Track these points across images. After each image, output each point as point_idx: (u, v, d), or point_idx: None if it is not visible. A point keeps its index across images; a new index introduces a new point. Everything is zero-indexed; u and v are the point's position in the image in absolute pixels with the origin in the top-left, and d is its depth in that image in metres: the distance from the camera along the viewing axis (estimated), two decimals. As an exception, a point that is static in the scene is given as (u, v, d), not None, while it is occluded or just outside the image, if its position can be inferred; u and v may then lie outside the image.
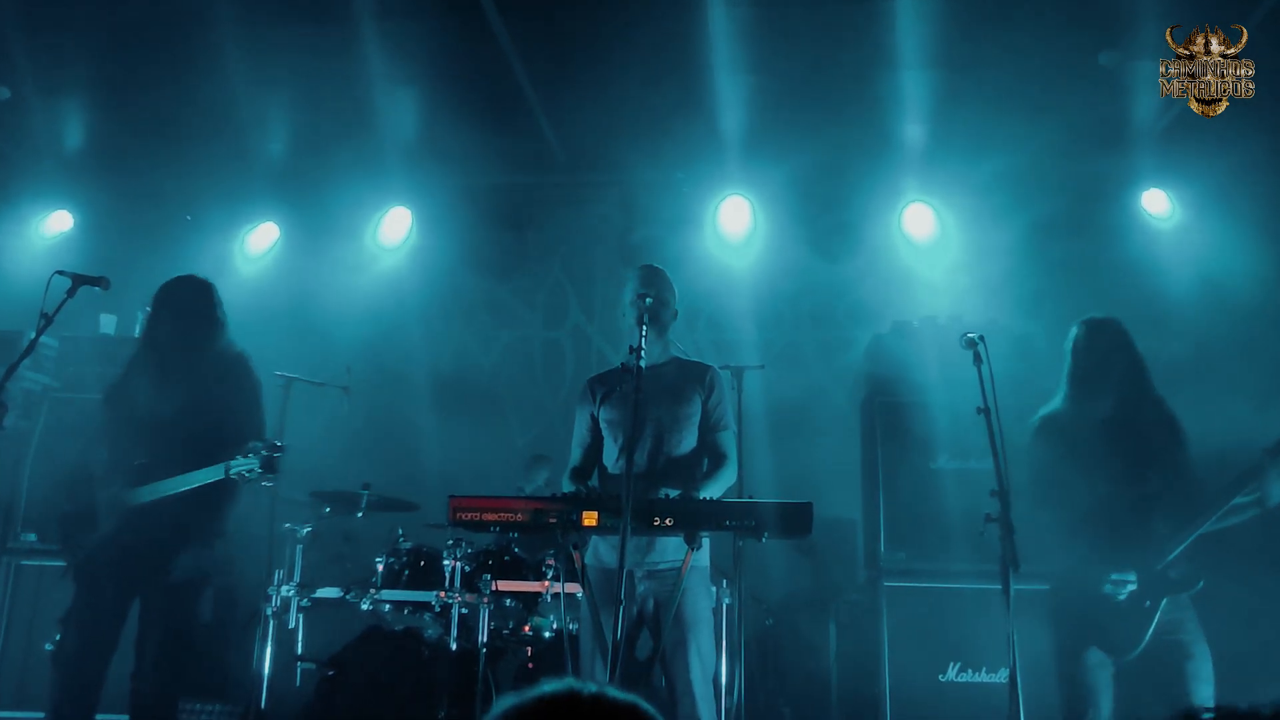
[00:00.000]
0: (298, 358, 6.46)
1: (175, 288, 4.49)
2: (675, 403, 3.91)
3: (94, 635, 4.07)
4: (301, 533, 5.69)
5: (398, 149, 7.32)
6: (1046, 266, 6.94)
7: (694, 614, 3.67)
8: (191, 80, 6.53)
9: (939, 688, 5.19)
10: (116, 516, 4.12)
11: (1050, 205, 7.09)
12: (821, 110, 6.64)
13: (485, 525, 3.37)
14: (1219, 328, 6.39)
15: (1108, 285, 6.82)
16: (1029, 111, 6.41)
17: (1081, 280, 6.84)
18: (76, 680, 4.03)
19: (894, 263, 7.42)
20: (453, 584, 5.27)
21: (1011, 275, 6.83)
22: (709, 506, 3.38)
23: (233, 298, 7.33)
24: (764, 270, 7.61)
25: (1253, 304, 6.49)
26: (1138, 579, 3.74)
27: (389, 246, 7.86)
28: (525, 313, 8.26)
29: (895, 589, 5.37)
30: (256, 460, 4.07)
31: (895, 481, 5.57)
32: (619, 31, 6.02)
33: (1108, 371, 4.06)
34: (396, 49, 6.14)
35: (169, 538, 4.13)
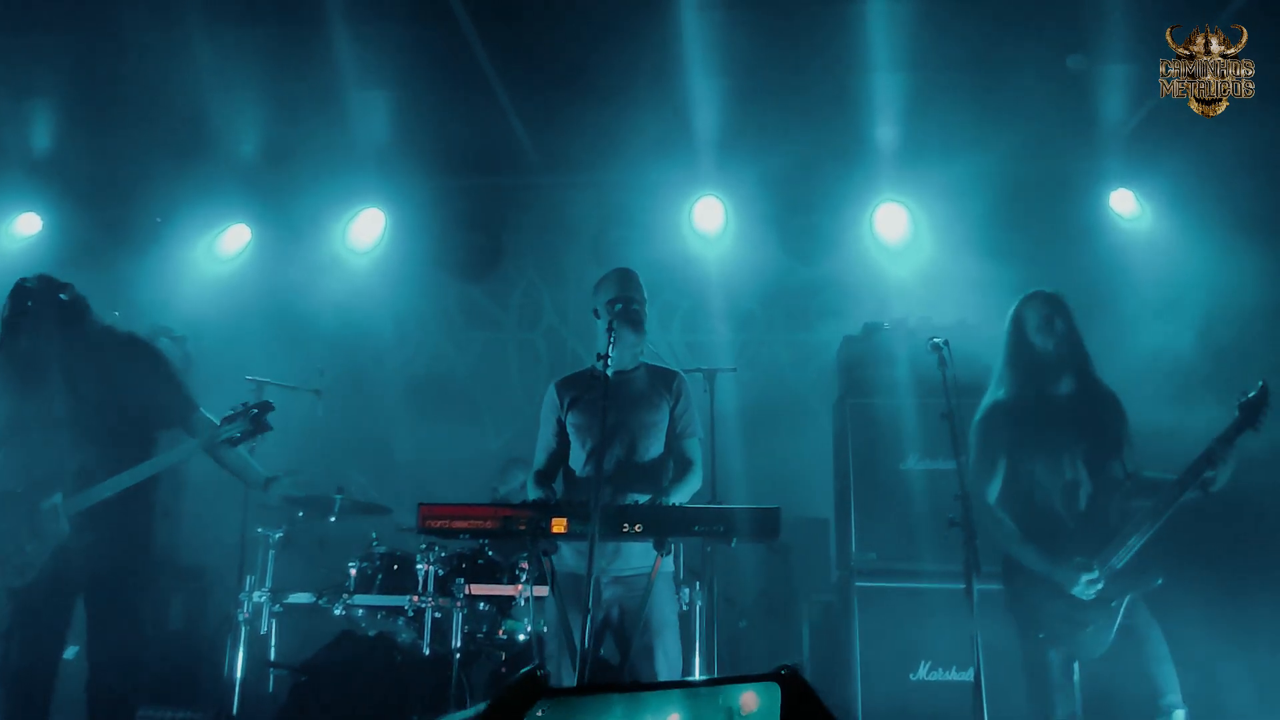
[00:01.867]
0: (270, 361, 6.45)
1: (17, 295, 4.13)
2: (643, 409, 3.93)
3: (38, 647, 3.96)
4: (274, 537, 5.67)
5: (370, 150, 7.29)
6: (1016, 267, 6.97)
7: (661, 619, 3.69)
8: (161, 81, 6.47)
9: (910, 686, 5.22)
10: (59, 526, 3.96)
11: (1020, 206, 7.16)
12: (794, 111, 6.68)
13: (454, 532, 3.37)
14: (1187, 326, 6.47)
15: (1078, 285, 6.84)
16: (999, 113, 6.48)
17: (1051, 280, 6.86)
18: (25, 694, 3.92)
19: (865, 264, 7.46)
20: (426, 588, 5.27)
21: (982, 276, 6.87)
22: (678, 512, 3.39)
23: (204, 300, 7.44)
24: (737, 271, 7.63)
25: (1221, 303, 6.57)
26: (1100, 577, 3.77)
27: (361, 248, 7.82)
28: (499, 314, 8.25)
29: (867, 589, 5.40)
30: (244, 421, 4.00)
31: (866, 482, 5.59)
32: (591, 33, 6.03)
33: (1057, 352, 4.02)
34: (368, 50, 6.11)
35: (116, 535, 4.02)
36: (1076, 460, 3.95)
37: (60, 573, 3.99)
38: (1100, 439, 3.99)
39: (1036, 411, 4.01)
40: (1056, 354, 4.05)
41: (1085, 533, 3.87)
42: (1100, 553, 3.77)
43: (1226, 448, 3.77)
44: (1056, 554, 3.82)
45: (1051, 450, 3.96)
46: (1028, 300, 4.19)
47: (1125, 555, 3.77)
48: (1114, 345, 4.18)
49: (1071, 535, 3.87)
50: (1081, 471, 3.95)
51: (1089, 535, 3.85)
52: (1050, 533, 3.90)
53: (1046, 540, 3.88)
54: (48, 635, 4.00)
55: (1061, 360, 4.05)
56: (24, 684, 3.93)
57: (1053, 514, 3.93)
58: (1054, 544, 3.86)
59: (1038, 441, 3.97)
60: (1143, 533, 3.78)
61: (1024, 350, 4.10)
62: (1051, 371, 4.05)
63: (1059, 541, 3.86)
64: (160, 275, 7.27)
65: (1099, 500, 3.94)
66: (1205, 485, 3.79)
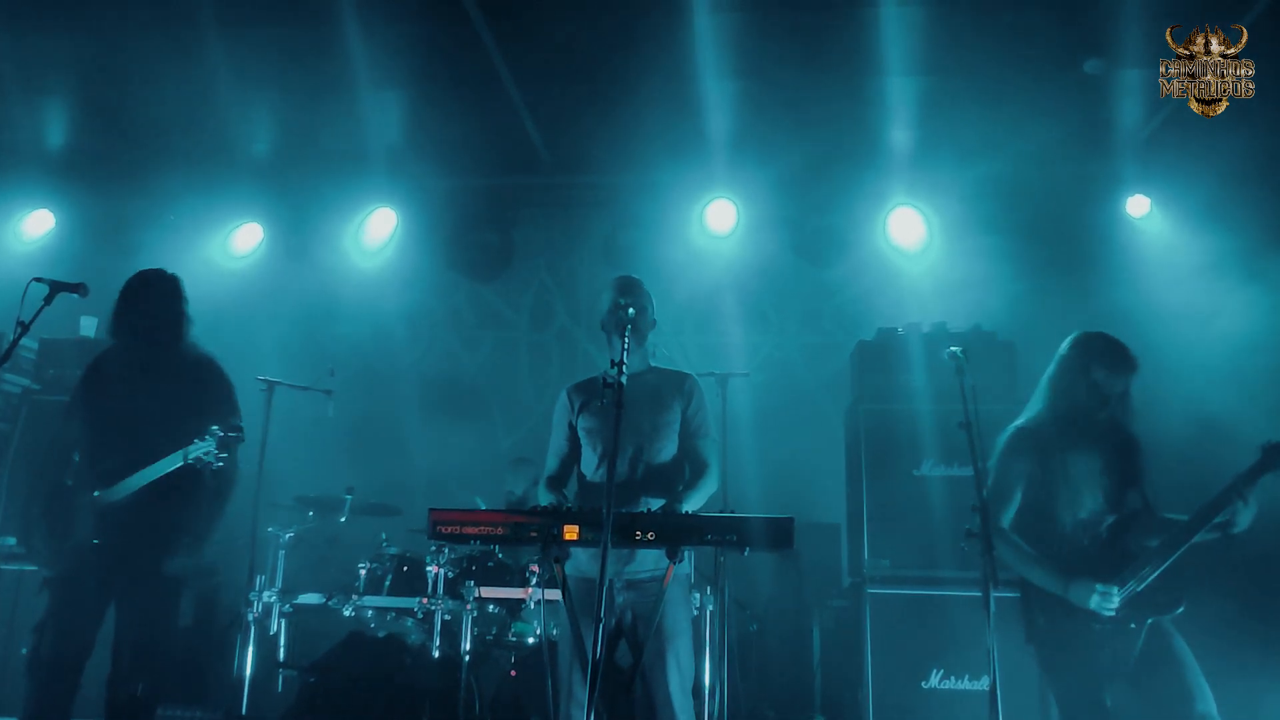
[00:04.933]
0: (281, 361, 6.45)
1: (143, 283, 4.37)
2: (654, 411, 3.90)
3: (69, 641, 4.02)
4: (284, 538, 5.68)
5: (382, 150, 7.30)
6: (1031, 272, 6.96)
7: (673, 625, 3.66)
8: (175, 81, 6.49)
9: (921, 694, 5.20)
10: (94, 520, 4.07)
11: (1035, 210, 7.12)
12: (808, 114, 6.65)
13: (465, 538, 3.35)
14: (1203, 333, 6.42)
15: (1092, 291, 6.84)
16: (1014, 117, 6.44)
17: (1066, 285, 6.86)
18: (51, 688, 3.99)
19: (880, 268, 7.42)
20: (436, 590, 5.26)
21: (996, 281, 6.84)
22: (690, 520, 3.36)
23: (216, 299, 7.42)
24: (749, 274, 7.61)
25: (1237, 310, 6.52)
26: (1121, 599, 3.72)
27: (373, 248, 7.82)
28: (510, 315, 8.24)
29: (879, 595, 5.38)
30: (212, 441, 4.04)
31: (879, 488, 5.57)
32: (605, 33, 6.02)
33: (1107, 395, 3.96)
34: (381, 51, 6.10)
35: (145, 538, 4.08)
36: (1098, 490, 3.90)
37: (100, 572, 4.06)
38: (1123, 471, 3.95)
39: (1063, 439, 3.97)
40: (1109, 408, 3.99)
41: (1105, 556, 3.83)
42: (1118, 575, 3.74)
43: (1246, 488, 3.70)
44: (1074, 573, 3.78)
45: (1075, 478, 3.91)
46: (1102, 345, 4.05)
47: (1140, 585, 3.74)
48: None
49: (1091, 558, 3.83)
50: (1102, 501, 3.91)
51: (1109, 559, 3.82)
52: (1069, 556, 3.85)
53: (1064, 562, 3.83)
54: (79, 630, 4.05)
55: (1111, 411, 4.00)
56: (51, 675, 3.99)
57: (1073, 539, 3.89)
58: (1072, 565, 3.81)
59: (1062, 468, 3.92)
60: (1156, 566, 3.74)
61: (1078, 389, 4.01)
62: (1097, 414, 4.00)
63: (1078, 563, 3.82)
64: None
65: (1119, 528, 3.91)
66: (1226, 527, 3.74)
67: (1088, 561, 3.82)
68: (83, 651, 4.06)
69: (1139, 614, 3.74)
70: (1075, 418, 3.99)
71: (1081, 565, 3.80)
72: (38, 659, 4.00)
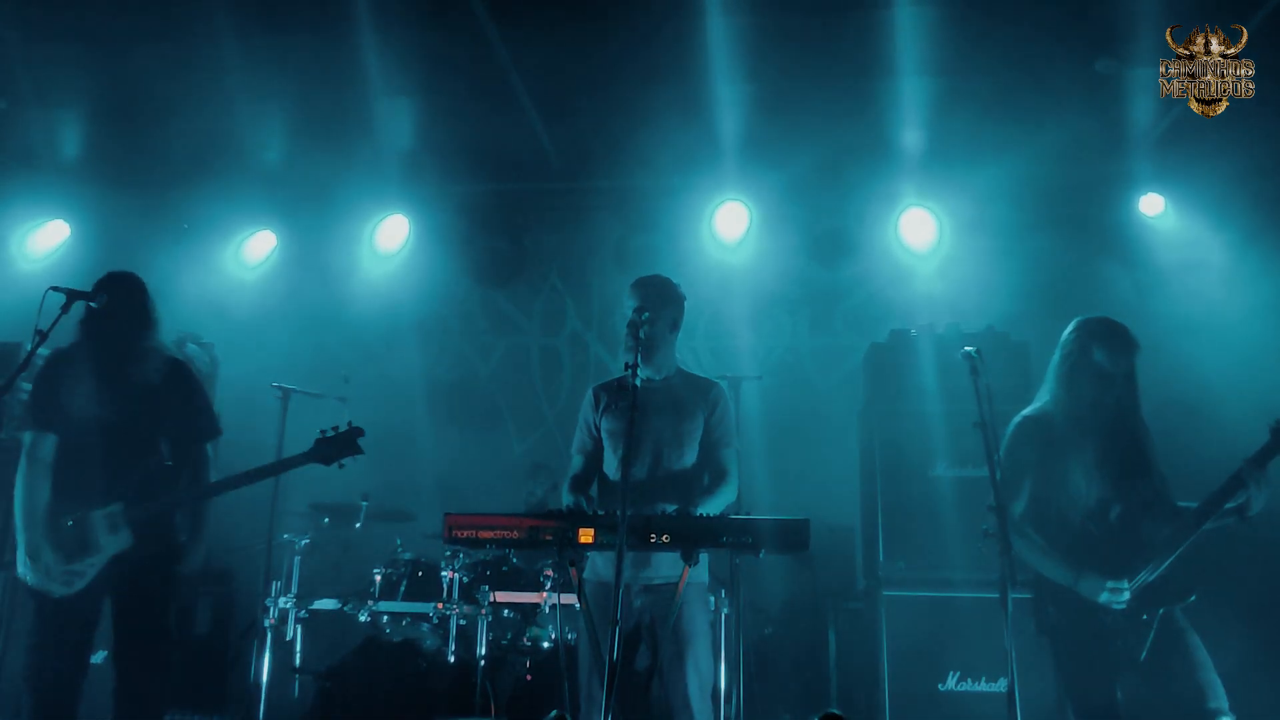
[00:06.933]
0: (295, 368, 6.48)
1: (111, 282, 4.19)
2: (677, 418, 3.90)
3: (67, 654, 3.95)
4: (299, 544, 5.70)
5: (395, 157, 7.32)
6: (1044, 272, 6.94)
7: (691, 628, 3.66)
8: (188, 89, 6.52)
9: (938, 697, 5.17)
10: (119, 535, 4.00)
11: (1048, 210, 7.11)
12: (819, 116, 6.63)
13: (481, 543, 3.35)
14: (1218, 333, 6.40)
15: (1105, 290, 6.82)
16: (1026, 117, 6.42)
17: (1079, 286, 6.84)
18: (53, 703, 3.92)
19: (892, 269, 7.41)
20: (451, 595, 5.28)
21: (1009, 281, 6.82)
22: (705, 523, 3.36)
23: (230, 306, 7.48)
24: (761, 276, 7.60)
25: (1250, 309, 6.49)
26: (1132, 591, 3.71)
27: (386, 254, 7.85)
28: (522, 320, 8.25)
29: (894, 598, 5.35)
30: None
31: (894, 490, 5.55)
32: (615, 39, 6.02)
33: (1110, 378, 3.95)
34: (394, 58, 6.12)
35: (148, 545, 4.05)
36: (1106, 478, 3.89)
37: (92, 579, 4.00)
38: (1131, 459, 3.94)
39: (1070, 427, 3.95)
40: (1114, 392, 3.96)
41: (1115, 546, 3.82)
42: (1129, 566, 3.73)
43: (1256, 471, 3.70)
44: (1084, 566, 3.77)
45: (1083, 466, 3.89)
46: (1100, 327, 4.03)
47: (1151, 574, 3.73)
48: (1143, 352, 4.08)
49: (1101, 549, 3.82)
50: (1110, 489, 3.89)
51: (1119, 549, 3.80)
52: (1079, 547, 3.84)
53: (1074, 554, 3.82)
54: (77, 641, 4.00)
55: (1117, 396, 3.97)
56: (54, 691, 3.93)
57: (1082, 529, 3.87)
58: (1082, 557, 3.80)
59: (1070, 457, 3.91)
60: (1166, 555, 3.74)
61: (1081, 373, 3.99)
62: (1102, 399, 3.98)
63: (1088, 555, 3.81)
64: (187, 282, 7.28)
65: (1128, 518, 3.89)
66: (1241, 511, 3.74)
67: (1098, 552, 3.80)
68: (83, 660, 4.00)
69: (1150, 604, 3.73)
70: (1081, 405, 3.97)
71: (1092, 556, 3.79)
72: (40, 677, 3.93)
